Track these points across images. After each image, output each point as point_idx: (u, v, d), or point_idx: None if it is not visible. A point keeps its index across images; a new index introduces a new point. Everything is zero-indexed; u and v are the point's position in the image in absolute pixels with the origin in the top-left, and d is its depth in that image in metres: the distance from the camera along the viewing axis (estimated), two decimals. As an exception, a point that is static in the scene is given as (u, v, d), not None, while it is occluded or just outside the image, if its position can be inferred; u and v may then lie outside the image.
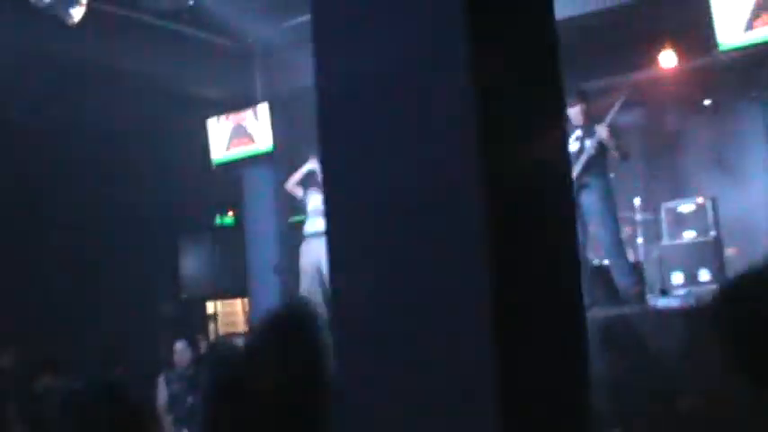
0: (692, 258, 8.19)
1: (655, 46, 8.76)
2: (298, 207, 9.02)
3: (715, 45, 7.09)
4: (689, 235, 8.37)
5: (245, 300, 10.88)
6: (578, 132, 7.10)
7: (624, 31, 8.21)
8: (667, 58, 8.92)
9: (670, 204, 8.58)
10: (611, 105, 7.19)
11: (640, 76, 9.13)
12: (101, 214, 9.52)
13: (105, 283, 9.65)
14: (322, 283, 8.33)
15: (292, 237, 9.40)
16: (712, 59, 7.68)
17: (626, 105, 7.35)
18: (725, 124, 9.49)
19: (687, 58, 8.72)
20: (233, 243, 10.68)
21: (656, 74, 9.10)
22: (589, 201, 7.02)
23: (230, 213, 11.64)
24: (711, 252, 8.19)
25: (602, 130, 6.99)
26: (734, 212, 8.75)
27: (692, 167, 9.44)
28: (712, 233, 8.26)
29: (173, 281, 10.98)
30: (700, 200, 8.46)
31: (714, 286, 7.89)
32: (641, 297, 7.04)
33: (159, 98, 9.00)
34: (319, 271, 8.34)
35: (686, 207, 8.50)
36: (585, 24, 7.60)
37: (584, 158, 7.01)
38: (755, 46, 6.95)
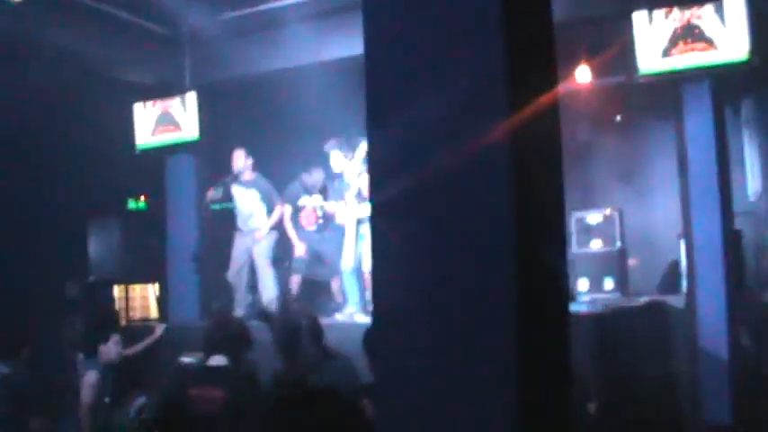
0: (598, 267, 8.59)
1: (572, 62, 9.08)
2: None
3: (635, 69, 7.49)
4: (596, 244, 8.79)
5: (155, 285, 10.84)
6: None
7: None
8: (583, 74, 9.25)
9: (579, 214, 8.93)
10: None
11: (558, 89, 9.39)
12: (11, 192, 9.29)
13: (13, 261, 9.43)
14: (249, 273, 8.51)
15: (213, 224, 9.45)
16: (626, 79, 8.06)
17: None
18: (635, 140, 9.93)
19: (603, 76, 9.08)
20: (145, 228, 10.61)
21: (571, 89, 9.42)
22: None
23: (142, 198, 11.53)
24: (616, 261, 8.63)
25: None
26: (638, 224, 9.19)
27: (601, 179, 9.83)
28: (618, 243, 8.70)
29: (81, 263, 10.82)
30: (607, 211, 8.86)
31: (617, 294, 8.37)
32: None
33: (84, 78, 8.86)
34: (248, 263, 8.49)
35: (594, 217, 8.88)
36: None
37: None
38: (671, 73, 7.38)
